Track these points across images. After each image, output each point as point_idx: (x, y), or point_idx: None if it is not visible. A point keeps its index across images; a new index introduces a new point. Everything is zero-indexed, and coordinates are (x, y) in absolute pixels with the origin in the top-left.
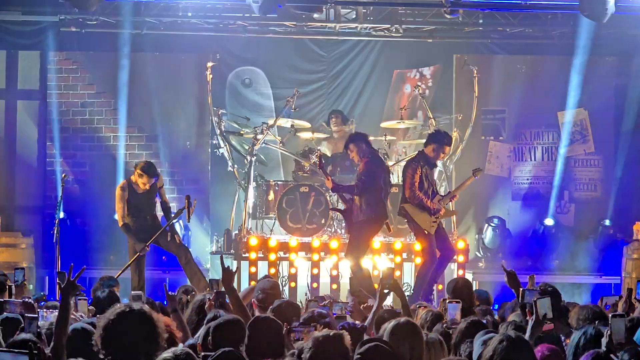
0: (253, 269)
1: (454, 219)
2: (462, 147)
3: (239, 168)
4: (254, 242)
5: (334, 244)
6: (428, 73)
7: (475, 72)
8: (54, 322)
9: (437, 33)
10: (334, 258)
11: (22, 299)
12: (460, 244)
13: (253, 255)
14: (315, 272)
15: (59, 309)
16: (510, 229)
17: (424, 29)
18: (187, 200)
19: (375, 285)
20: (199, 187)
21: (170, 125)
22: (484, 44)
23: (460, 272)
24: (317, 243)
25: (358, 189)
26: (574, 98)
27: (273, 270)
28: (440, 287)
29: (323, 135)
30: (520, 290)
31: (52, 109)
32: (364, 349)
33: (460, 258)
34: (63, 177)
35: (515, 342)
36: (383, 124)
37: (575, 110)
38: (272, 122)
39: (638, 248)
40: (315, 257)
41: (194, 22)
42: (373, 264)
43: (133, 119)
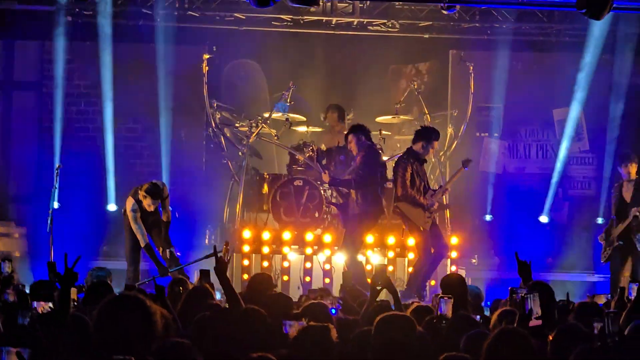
0: (246, 262)
1: (448, 214)
2: (457, 143)
3: (233, 161)
4: (248, 235)
5: (328, 238)
6: (424, 68)
7: (471, 68)
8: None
9: (433, 29)
10: (327, 252)
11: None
12: (454, 240)
13: (246, 248)
14: (309, 265)
15: (59, 298)
16: (504, 226)
17: (421, 25)
18: (225, 247)
19: (369, 280)
20: (193, 179)
21: (165, 117)
22: (481, 40)
23: (453, 268)
24: (310, 237)
25: (355, 183)
26: (570, 96)
27: (266, 264)
28: (433, 283)
29: (318, 129)
30: (510, 289)
31: (47, 99)
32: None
33: (454, 254)
34: (57, 167)
35: (510, 333)
36: (378, 119)
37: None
38: (267, 115)
39: None
40: (309, 250)
41: (191, 14)
42: (366, 259)
43: (128, 110)
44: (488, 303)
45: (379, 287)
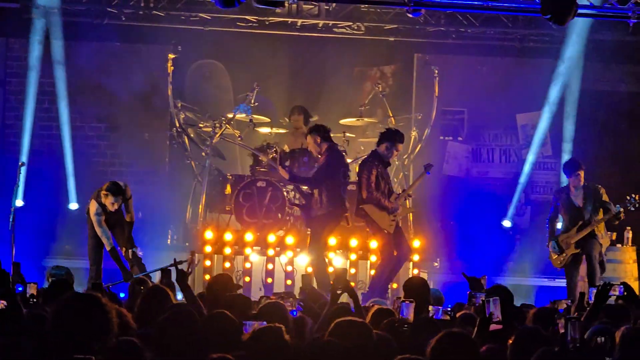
0: (208, 263)
1: (411, 218)
2: (420, 146)
3: (197, 161)
4: (210, 235)
5: (290, 240)
6: (389, 71)
7: (436, 72)
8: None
9: (398, 32)
10: (290, 253)
11: None
12: (416, 243)
13: (208, 249)
14: (271, 267)
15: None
16: (466, 230)
17: (386, 28)
18: (190, 257)
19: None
20: (156, 179)
21: (129, 116)
22: (445, 45)
23: (416, 271)
24: (272, 238)
25: (316, 181)
26: (533, 100)
27: (228, 265)
28: (395, 285)
29: (282, 131)
30: (468, 293)
31: (10, 96)
32: None
33: (416, 257)
34: (20, 164)
35: (458, 337)
36: (342, 121)
37: (534, 113)
38: (231, 115)
39: None
40: (271, 252)
41: (156, 13)
42: (329, 261)
43: (92, 109)
44: (449, 306)
45: (339, 291)
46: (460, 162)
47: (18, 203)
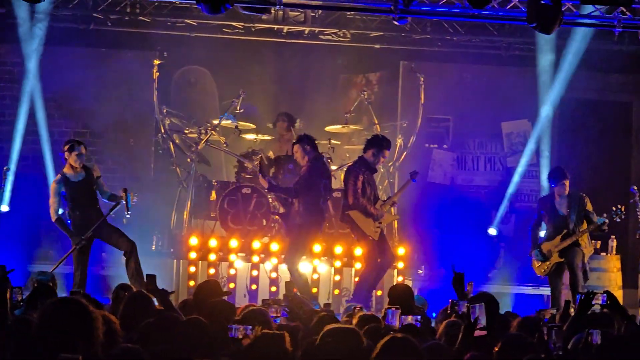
0: (192, 269)
1: (396, 225)
2: (406, 153)
3: (182, 167)
4: (194, 241)
5: (275, 246)
6: (374, 79)
7: (422, 79)
8: None
9: (384, 39)
10: (274, 260)
11: None
12: (401, 251)
13: (193, 255)
14: (255, 273)
15: None
16: (451, 238)
17: (372, 35)
18: (124, 193)
19: (314, 290)
20: (141, 184)
21: (114, 122)
22: (431, 52)
23: (400, 278)
24: (257, 245)
25: (295, 192)
26: (518, 109)
27: (213, 271)
28: (380, 292)
29: (268, 137)
30: (450, 301)
31: None
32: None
33: (400, 264)
34: (5, 169)
35: (401, 341)
36: (328, 128)
37: (519, 122)
38: (216, 122)
39: None
40: (255, 258)
41: (142, 19)
42: (313, 268)
43: (77, 115)
44: (434, 314)
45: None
46: (446, 169)
47: (3, 208)
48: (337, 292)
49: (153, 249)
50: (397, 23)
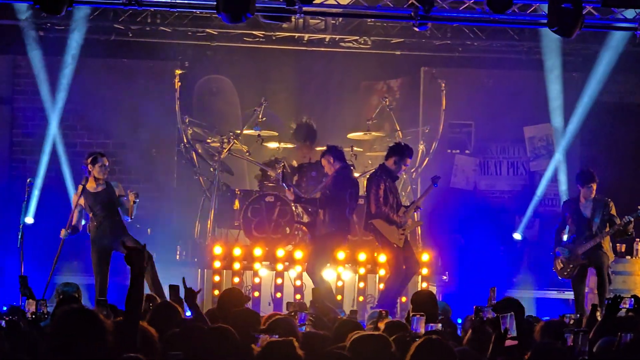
0: (217, 278)
1: (419, 231)
2: (428, 159)
3: (205, 176)
4: (219, 250)
5: (299, 254)
6: (395, 85)
7: (443, 85)
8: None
9: (405, 46)
10: (299, 268)
11: None
12: (425, 257)
13: (217, 264)
14: (280, 282)
15: None
16: (474, 243)
17: (393, 41)
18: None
19: (339, 297)
20: (165, 194)
21: (137, 133)
22: (452, 58)
23: (425, 284)
24: (281, 253)
25: (321, 203)
26: (540, 113)
27: (237, 280)
28: (404, 299)
29: (290, 145)
30: (475, 307)
31: (18, 114)
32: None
33: (425, 271)
34: (28, 181)
35: (437, 343)
36: (350, 135)
37: (541, 126)
38: (239, 131)
39: None
40: (280, 267)
41: (162, 29)
42: (337, 275)
43: (99, 126)
44: (459, 320)
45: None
46: (468, 175)
47: (28, 220)
48: (361, 299)
49: (177, 259)
50: (417, 29)
